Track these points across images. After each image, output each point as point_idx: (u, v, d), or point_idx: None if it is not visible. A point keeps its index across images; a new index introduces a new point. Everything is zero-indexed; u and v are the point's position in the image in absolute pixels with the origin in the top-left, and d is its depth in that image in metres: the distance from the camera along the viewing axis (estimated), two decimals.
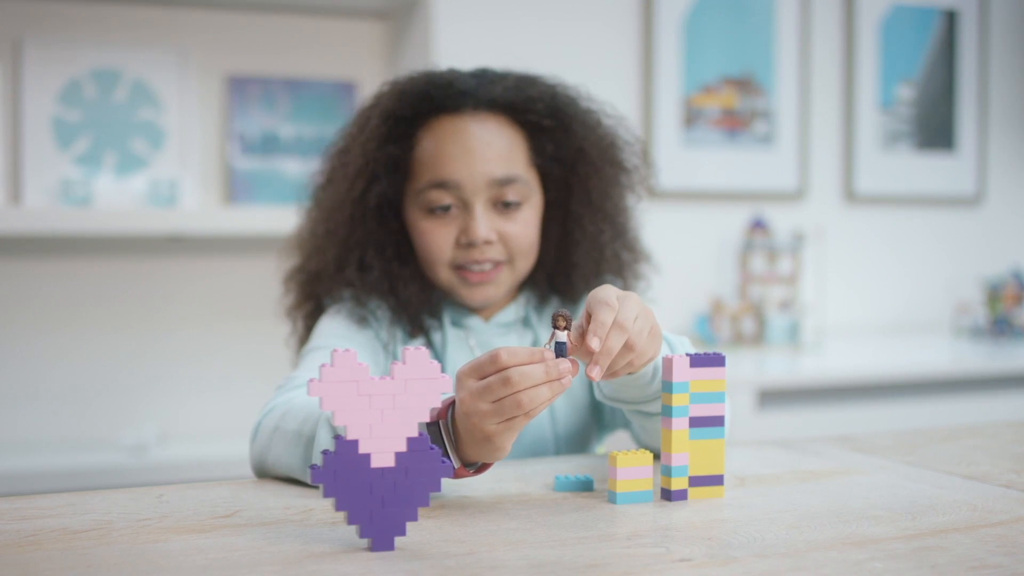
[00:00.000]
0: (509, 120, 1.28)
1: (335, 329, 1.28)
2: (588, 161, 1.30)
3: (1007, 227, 3.17)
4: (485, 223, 1.25)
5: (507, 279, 1.29)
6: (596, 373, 0.92)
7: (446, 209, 1.26)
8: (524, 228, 1.28)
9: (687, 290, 2.72)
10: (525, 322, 1.34)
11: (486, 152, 1.25)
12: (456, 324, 1.32)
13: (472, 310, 1.32)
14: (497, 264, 1.27)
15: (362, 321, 1.29)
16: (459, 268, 1.27)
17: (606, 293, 0.95)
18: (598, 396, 1.12)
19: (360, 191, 1.27)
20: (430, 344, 1.31)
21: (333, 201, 1.29)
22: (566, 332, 0.92)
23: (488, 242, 1.25)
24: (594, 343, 0.91)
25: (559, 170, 1.31)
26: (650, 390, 1.06)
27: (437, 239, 1.26)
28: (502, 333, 1.32)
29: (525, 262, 1.30)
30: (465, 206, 1.26)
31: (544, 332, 1.34)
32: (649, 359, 0.98)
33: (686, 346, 1.13)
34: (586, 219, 1.31)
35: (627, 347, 0.94)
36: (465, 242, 1.26)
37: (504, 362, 0.89)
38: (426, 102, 1.27)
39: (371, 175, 1.27)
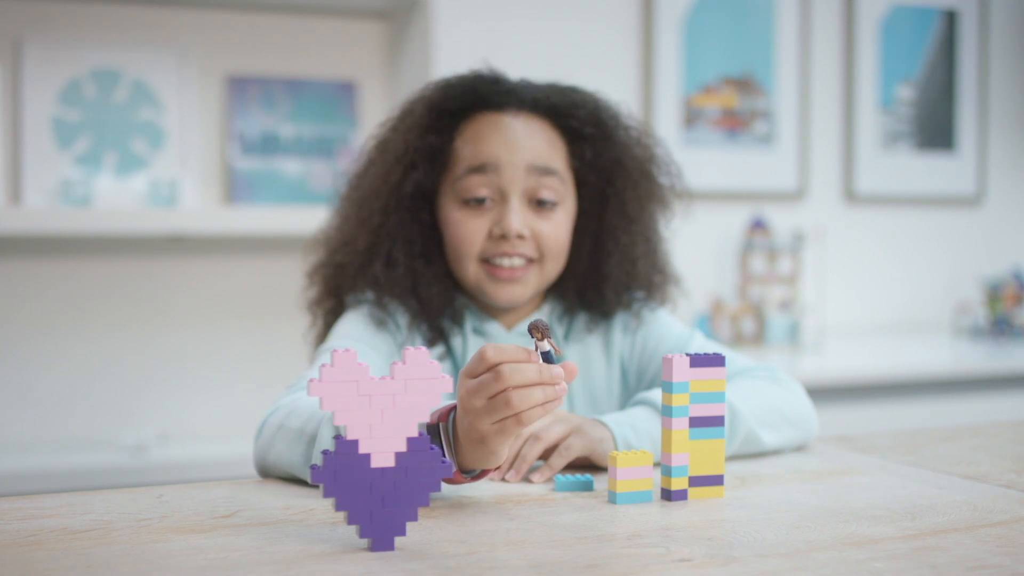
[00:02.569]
0: (551, 123, 1.29)
1: (353, 331, 1.27)
2: (626, 174, 1.30)
3: (1007, 227, 3.17)
4: (519, 216, 1.25)
5: (534, 280, 1.28)
6: (511, 476, 1.06)
7: (481, 202, 1.26)
8: (556, 229, 1.27)
9: (687, 290, 2.71)
10: None
11: (527, 142, 1.26)
12: (477, 331, 1.31)
13: (494, 316, 1.32)
14: (528, 262, 1.27)
15: (381, 324, 1.28)
16: (488, 263, 1.26)
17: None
18: None
19: (397, 179, 1.27)
20: (450, 350, 1.31)
21: (369, 189, 1.29)
22: (547, 341, 0.92)
23: (521, 236, 1.25)
24: (510, 476, 1.07)
25: (596, 179, 1.31)
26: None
27: (469, 230, 1.26)
28: (524, 342, 1.30)
29: (554, 265, 1.29)
30: (502, 197, 1.26)
31: (568, 344, 1.33)
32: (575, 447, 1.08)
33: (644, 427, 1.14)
34: (620, 230, 1.30)
35: (535, 438, 1.07)
36: (498, 233, 1.25)
37: (491, 358, 0.89)
38: (471, 96, 1.28)
39: (410, 163, 1.27)
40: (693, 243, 2.76)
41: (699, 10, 2.74)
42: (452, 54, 2.21)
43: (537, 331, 0.91)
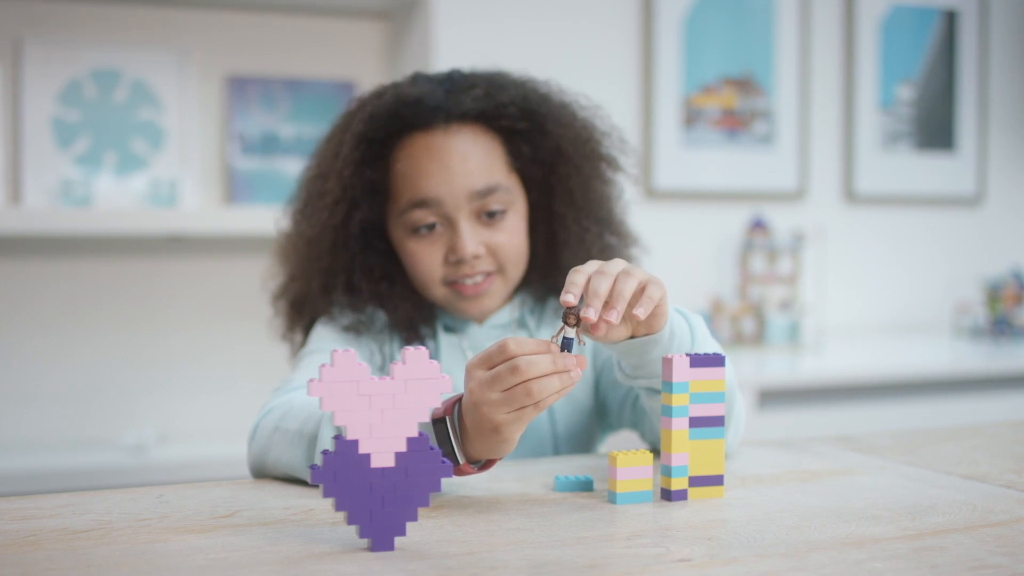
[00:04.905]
0: (483, 128, 1.26)
1: (331, 334, 1.28)
2: (567, 159, 1.28)
3: (1007, 227, 3.17)
4: (472, 238, 1.24)
5: (500, 288, 1.28)
6: (614, 317, 0.92)
7: (431, 228, 1.24)
8: (511, 236, 1.26)
9: (687, 290, 2.72)
10: (520, 323, 1.33)
11: (463, 165, 1.23)
12: (449, 328, 1.31)
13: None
14: (488, 275, 1.26)
15: (357, 328, 1.28)
16: (452, 284, 1.26)
17: (584, 266, 0.96)
18: (620, 378, 1.09)
19: (340, 218, 1.25)
20: (424, 347, 1.31)
21: (313, 229, 1.27)
22: (575, 329, 0.93)
23: (477, 256, 1.24)
24: (590, 313, 0.92)
25: (539, 171, 1.29)
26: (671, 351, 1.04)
27: (425, 259, 1.25)
28: (496, 335, 1.31)
29: (516, 269, 1.29)
30: (450, 223, 1.24)
31: (541, 332, 1.34)
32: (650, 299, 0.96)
33: (700, 322, 1.10)
34: (570, 219, 1.29)
35: (625, 273, 0.95)
36: (454, 260, 1.24)
37: (512, 351, 0.90)
38: (397, 121, 1.24)
39: (350, 202, 1.25)
40: (693, 243, 2.77)
41: (699, 10, 2.74)
42: (452, 54, 2.21)
43: (572, 317, 0.93)
